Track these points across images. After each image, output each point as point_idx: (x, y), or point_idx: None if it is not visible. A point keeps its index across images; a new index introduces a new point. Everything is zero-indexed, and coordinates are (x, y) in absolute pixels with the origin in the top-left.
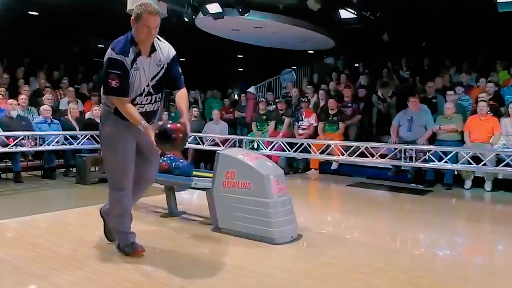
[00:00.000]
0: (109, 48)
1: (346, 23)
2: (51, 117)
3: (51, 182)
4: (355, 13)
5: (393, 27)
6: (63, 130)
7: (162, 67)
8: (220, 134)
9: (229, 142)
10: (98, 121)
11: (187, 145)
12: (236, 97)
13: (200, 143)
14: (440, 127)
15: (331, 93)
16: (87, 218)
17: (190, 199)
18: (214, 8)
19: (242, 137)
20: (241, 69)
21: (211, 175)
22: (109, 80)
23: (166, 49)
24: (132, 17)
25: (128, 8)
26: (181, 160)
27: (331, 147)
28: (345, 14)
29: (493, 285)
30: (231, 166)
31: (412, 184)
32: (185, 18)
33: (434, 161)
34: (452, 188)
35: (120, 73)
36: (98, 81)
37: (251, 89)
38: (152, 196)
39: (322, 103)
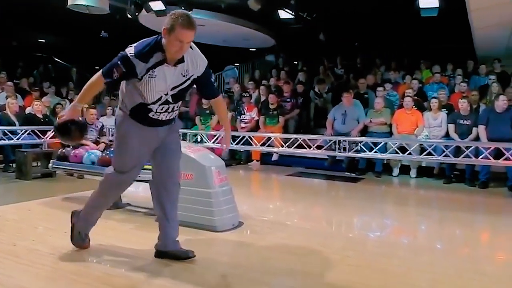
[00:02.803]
0: (132, 46)
1: (285, 23)
2: None
3: None
4: (293, 14)
5: (329, 28)
6: (1, 125)
7: (188, 78)
8: None
9: None
10: (40, 116)
11: None
12: None
13: None
14: (370, 120)
15: (271, 88)
16: (27, 213)
17: (136, 191)
18: (157, 5)
19: (186, 130)
20: None
21: None
22: (113, 69)
23: (196, 60)
24: (164, 27)
25: (69, 3)
26: None
27: (271, 139)
28: (284, 14)
29: (415, 261)
30: None
31: (346, 173)
32: (128, 15)
33: (366, 151)
34: (381, 176)
35: (126, 71)
36: (39, 76)
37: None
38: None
39: (263, 98)
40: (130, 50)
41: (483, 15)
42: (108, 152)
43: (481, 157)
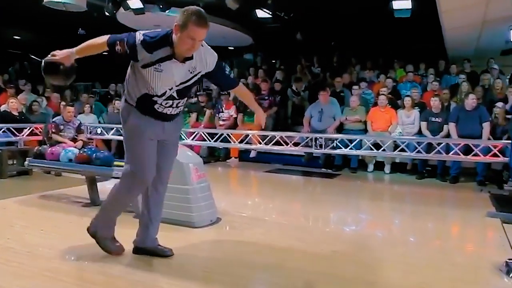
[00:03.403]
0: (142, 32)
1: (262, 22)
2: None
3: None
4: (270, 13)
5: (306, 27)
6: None
7: (195, 75)
8: None
9: None
10: (15, 113)
11: (110, 137)
12: None
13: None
14: (346, 118)
15: (249, 87)
16: (3, 211)
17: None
18: (135, 3)
19: None
20: None
21: None
22: (118, 42)
23: (205, 57)
24: (176, 23)
25: (45, 0)
26: (102, 151)
27: (249, 137)
28: (261, 13)
29: (389, 253)
30: None
31: (323, 169)
32: (106, 13)
33: (341, 148)
34: (357, 172)
35: (128, 52)
36: (14, 73)
37: None
38: (73, 187)
39: None
40: (139, 36)
41: (453, 16)
42: (86, 150)
43: (451, 153)
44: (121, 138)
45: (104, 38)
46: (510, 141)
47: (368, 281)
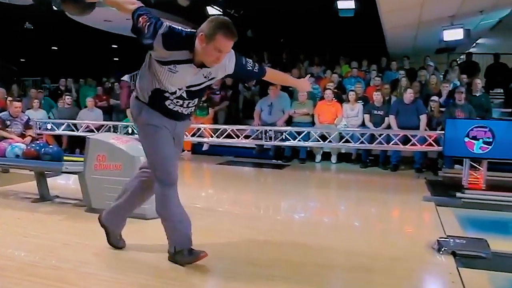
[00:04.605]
0: (167, 25)
1: None
2: None
3: None
4: (221, 10)
5: (256, 25)
6: None
7: (209, 79)
8: (94, 121)
9: (104, 128)
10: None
11: (61, 132)
12: (110, 85)
13: (75, 129)
14: (295, 111)
15: None
16: None
17: (66, 183)
18: None
19: (116, 123)
20: (117, 59)
21: (82, 159)
22: (144, 17)
23: (224, 62)
24: (202, 33)
25: None
26: (51, 146)
27: (201, 130)
28: (212, 10)
29: (335, 237)
30: (102, 150)
31: (273, 160)
32: (53, 7)
33: (290, 140)
34: (305, 162)
35: (146, 34)
36: None
37: (125, 78)
38: (22, 183)
39: None
40: (164, 27)
41: (392, 17)
42: (34, 145)
43: (392, 143)
44: (72, 133)
45: (133, 5)
46: (443, 132)
47: (315, 263)
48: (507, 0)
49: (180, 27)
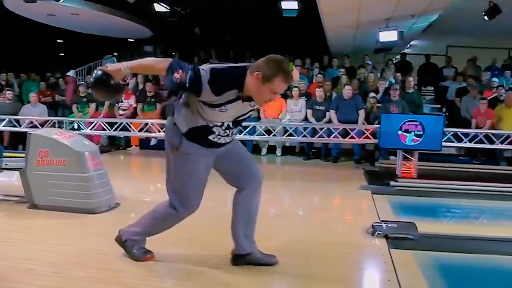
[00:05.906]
0: (208, 69)
1: (161, 16)
2: None
3: None
4: (168, 7)
5: (203, 22)
6: None
7: (254, 108)
8: (38, 116)
9: (48, 124)
10: None
11: (1, 128)
12: (55, 80)
13: (17, 125)
14: None
15: (149, 77)
16: None
17: (8, 180)
18: None
19: (61, 118)
20: (62, 54)
21: (23, 155)
22: (179, 71)
23: None
24: (258, 72)
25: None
26: None
27: (148, 125)
28: (159, 7)
29: (279, 226)
30: (45, 146)
31: None
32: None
33: (237, 134)
34: (252, 155)
35: (188, 87)
36: None
37: (70, 73)
38: None
39: (140, 86)
40: (207, 74)
41: (332, 18)
42: None
43: (332, 136)
44: (14, 129)
45: (164, 64)
46: (379, 126)
47: None
48: (434, 6)
49: (223, 65)
